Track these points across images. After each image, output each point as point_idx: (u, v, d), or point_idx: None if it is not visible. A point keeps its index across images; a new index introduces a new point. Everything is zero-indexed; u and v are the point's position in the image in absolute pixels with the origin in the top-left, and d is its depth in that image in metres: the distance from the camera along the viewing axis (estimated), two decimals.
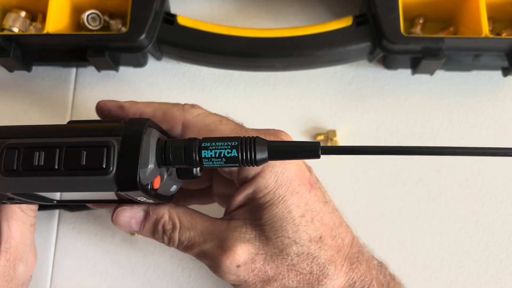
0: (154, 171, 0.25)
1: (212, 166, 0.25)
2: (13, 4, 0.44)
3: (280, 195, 0.29)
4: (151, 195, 0.27)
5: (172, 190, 0.30)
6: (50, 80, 0.46)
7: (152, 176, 0.25)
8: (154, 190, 0.27)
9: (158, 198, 0.28)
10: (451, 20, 0.45)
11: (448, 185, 0.42)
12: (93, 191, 0.25)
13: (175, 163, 0.25)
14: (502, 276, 0.40)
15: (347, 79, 0.46)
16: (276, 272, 0.29)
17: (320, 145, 0.24)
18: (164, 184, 0.28)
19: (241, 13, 0.47)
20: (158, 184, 0.27)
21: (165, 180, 0.27)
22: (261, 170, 0.29)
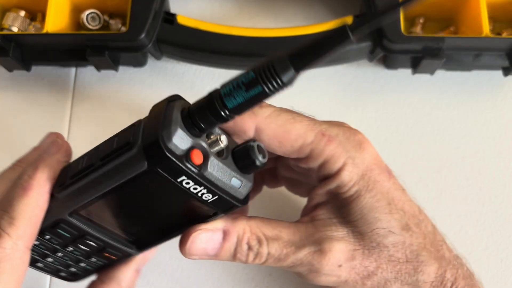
0: (184, 137, 0.22)
1: (239, 107, 0.21)
2: (12, 4, 0.44)
3: (365, 186, 0.27)
4: (200, 176, 0.23)
5: (235, 185, 0.25)
6: (50, 79, 0.46)
7: (182, 143, 0.22)
8: (197, 168, 0.23)
9: (220, 190, 0.24)
10: (451, 20, 0.45)
11: (448, 185, 0.42)
12: (128, 176, 0.23)
13: (202, 120, 0.22)
14: (502, 276, 0.40)
15: (347, 79, 0.45)
16: (376, 266, 0.27)
17: (348, 25, 0.20)
18: (215, 168, 0.24)
19: (241, 13, 0.47)
20: (199, 159, 0.23)
21: (214, 162, 0.24)
22: (343, 164, 0.27)
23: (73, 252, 0.29)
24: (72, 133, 0.44)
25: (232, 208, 0.26)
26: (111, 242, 0.28)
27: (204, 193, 0.24)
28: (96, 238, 0.28)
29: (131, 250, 0.29)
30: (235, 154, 0.25)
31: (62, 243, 0.28)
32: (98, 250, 0.29)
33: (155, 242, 0.29)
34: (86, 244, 0.28)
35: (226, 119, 0.22)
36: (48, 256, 0.30)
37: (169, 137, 0.22)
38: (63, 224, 0.27)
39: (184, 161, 0.22)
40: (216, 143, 0.24)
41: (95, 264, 0.31)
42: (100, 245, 0.28)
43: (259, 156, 0.25)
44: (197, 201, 0.25)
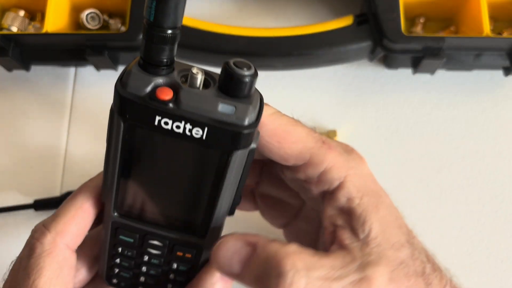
0: (143, 78, 0.21)
1: (160, 14, 0.20)
2: (12, 3, 0.44)
3: (374, 198, 0.26)
4: (174, 110, 0.21)
5: (226, 111, 0.22)
6: (49, 79, 0.46)
7: (142, 85, 0.21)
8: (167, 102, 0.21)
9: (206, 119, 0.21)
10: (452, 20, 0.45)
11: (448, 185, 0.42)
12: (119, 141, 0.23)
13: (146, 51, 0.21)
14: (502, 276, 0.40)
15: (348, 79, 0.45)
16: (408, 284, 0.26)
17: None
18: (191, 98, 0.21)
19: (241, 13, 0.47)
20: (167, 95, 0.21)
21: (189, 92, 0.21)
22: (346, 174, 0.26)
23: (151, 261, 0.28)
24: (72, 133, 0.44)
25: (237, 140, 0.22)
26: (172, 235, 0.27)
27: (191, 129, 0.21)
28: (156, 235, 0.27)
29: (195, 239, 0.27)
30: (218, 81, 0.22)
31: (134, 252, 0.28)
32: (169, 251, 0.28)
33: (208, 221, 0.26)
34: (154, 246, 0.28)
35: (160, 33, 0.20)
36: (139, 275, 0.29)
37: (126, 83, 0.22)
38: (119, 228, 0.27)
39: (148, 99, 0.21)
40: (190, 76, 0.22)
41: (181, 272, 0.29)
42: (165, 242, 0.27)
43: (239, 69, 0.21)
44: (197, 147, 0.22)
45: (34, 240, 0.26)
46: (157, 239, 0.27)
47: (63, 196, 0.41)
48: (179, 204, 0.26)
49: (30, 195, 0.42)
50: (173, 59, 0.22)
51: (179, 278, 0.29)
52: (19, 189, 0.42)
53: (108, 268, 0.29)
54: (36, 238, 0.26)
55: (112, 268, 0.29)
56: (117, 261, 0.29)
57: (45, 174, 0.43)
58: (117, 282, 0.30)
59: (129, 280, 0.30)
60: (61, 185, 0.43)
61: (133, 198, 0.26)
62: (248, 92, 0.22)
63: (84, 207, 0.27)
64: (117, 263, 0.29)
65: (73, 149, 0.44)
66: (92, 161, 0.43)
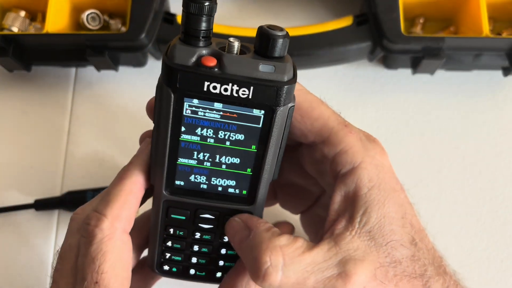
0: (188, 50, 0.23)
1: None
2: (12, 4, 0.44)
3: (384, 192, 0.26)
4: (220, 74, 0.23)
5: (267, 70, 0.23)
6: (50, 80, 0.46)
7: (188, 56, 0.23)
8: (213, 68, 0.23)
9: (251, 79, 0.23)
10: (451, 20, 0.45)
11: (448, 185, 0.42)
12: (170, 113, 0.24)
13: (187, 25, 0.23)
14: (502, 276, 0.40)
15: (347, 79, 0.45)
16: (396, 284, 0.25)
17: None
18: (233, 62, 0.23)
19: (241, 13, 0.47)
20: (212, 62, 0.23)
21: (231, 57, 0.23)
22: (361, 161, 0.26)
23: (203, 237, 0.29)
24: (72, 133, 0.44)
25: (280, 95, 0.24)
26: (222, 205, 0.28)
27: (238, 90, 0.23)
28: (207, 207, 0.28)
29: (245, 207, 0.28)
30: (254, 45, 0.24)
31: (186, 231, 0.29)
32: (220, 223, 0.29)
33: (255, 186, 0.27)
34: (205, 220, 0.29)
35: (199, 4, 0.23)
36: (190, 255, 0.30)
37: (173, 56, 0.23)
38: (170, 207, 0.28)
39: (196, 67, 0.23)
40: (227, 45, 0.24)
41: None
42: (216, 214, 0.28)
43: (273, 31, 0.23)
44: (244, 110, 0.24)
45: (91, 227, 0.26)
46: (208, 212, 0.28)
47: (64, 196, 0.41)
48: (228, 172, 0.27)
49: (31, 195, 0.42)
50: (211, 31, 0.24)
51: (230, 251, 0.30)
52: (20, 189, 0.43)
53: (159, 255, 0.30)
54: (93, 224, 0.26)
55: (164, 253, 0.30)
56: (169, 244, 0.29)
57: (45, 174, 0.43)
58: (168, 269, 0.31)
59: (180, 264, 0.31)
60: (61, 185, 0.43)
61: (183, 173, 0.27)
62: (283, 52, 0.24)
63: (133, 192, 0.27)
64: (168, 247, 0.29)
65: (74, 149, 0.44)
66: (92, 161, 0.43)
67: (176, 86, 0.23)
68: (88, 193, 0.41)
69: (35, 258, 0.41)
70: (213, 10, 0.23)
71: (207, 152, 0.26)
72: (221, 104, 0.24)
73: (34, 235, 0.41)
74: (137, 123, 0.45)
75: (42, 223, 0.42)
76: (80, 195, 0.41)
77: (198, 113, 0.25)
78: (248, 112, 0.25)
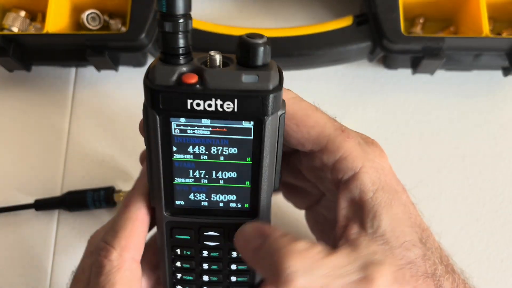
0: (168, 70, 0.23)
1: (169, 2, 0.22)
2: (12, 4, 0.44)
3: (389, 194, 0.26)
4: (202, 90, 0.23)
5: (250, 80, 0.23)
6: (50, 80, 0.46)
7: (169, 75, 0.23)
8: (194, 84, 0.23)
9: (234, 92, 0.23)
10: (451, 20, 0.45)
11: (448, 185, 0.42)
12: (155, 133, 0.24)
13: (164, 43, 0.23)
14: (502, 276, 0.40)
15: (347, 79, 0.45)
16: (413, 286, 0.25)
17: None
18: (215, 76, 0.23)
19: (241, 13, 0.47)
20: (193, 78, 0.23)
21: (212, 72, 0.23)
22: (361, 165, 0.26)
23: (211, 255, 0.29)
24: (72, 133, 0.44)
25: (266, 104, 0.23)
26: (226, 221, 0.28)
27: (222, 104, 0.23)
28: (211, 225, 0.28)
29: (249, 220, 0.28)
30: (236, 56, 0.24)
31: (193, 250, 0.29)
32: (226, 239, 0.28)
33: (256, 199, 0.27)
34: (210, 238, 0.28)
35: (174, 22, 0.22)
36: (201, 274, 0.30)
37: (153, 77, 0.23)
38: (174, 228, 0.28)
39: (177, 86, 0.23)
40: (209, 59, 0.23)
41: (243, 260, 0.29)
42: (220, 231, 0.28)
43: (253, 39, 0.23)
44: (232, 123, 0.24)
45: (101, 258, 0.27)
46: (212, 229, 0.28)
47: (64, 196, 0.41)
48: (227, 187, 0.27)
49: (31, 195, 0.42)
50: (189, 47, 0.23)
51: (241, 267, 0.29)
52: (20, 189, 0.43)
53: (171, 275, 0.30)
54: (103, 255, 0.27)
55: (174, 274, 0.30)
56: (178, 265, 0.29)
57: (45, 174, 0.43)
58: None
59: (193, 283, 0.30)
60: (61, 185, 0.43)
61: (181, 192, 0.27)
62: (265, 60, 0.23)
63: (139, 218, 0.28)
64: (178, 267, 0.29)
65: (74, 149, 0.44)
66: (92, 161, 0.43)
67: (160, 108, 0.23)
68: (88, 193, 0.41)
69: (35, 258, 0.41)
70: (189, 26, 0.23)
71: (202, 169, 0.26)
72: (208, 120, 0.24)
73: (34, 235, 0.41)
74: (137, 123, 0.45)
75: (42, 223, 0.42)
76: (80, 195, 0.41)
77: (187, 131, 0.24)
78: (237, 125, 0.24)
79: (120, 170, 0.43)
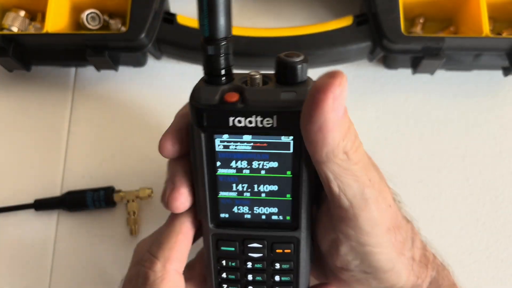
0: (212, 90, 0.24)
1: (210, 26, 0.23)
2: (12, 4, 0.44)
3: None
4: (243, 107, 0.24)
5: (288, 97, 0.24)
6: (50, 79, 0.46)
7: (212, 95, 0.24)
8: (235, 103, 0.24)
9: (273, 108, 0.24)
10: (451, 20, 0.45)
11: (448, 185, 0.42)
12: (202, 150, 0.26)
13: (208, 65, 0.24)
14: (503, 276, 0.40)
15: (348, 79, 0.45)
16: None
17: None
18: (255, 94, 0.24)
19: (241, 13, 0.47)
20: (234, 97, 0.24)
21: (252, 90, 0.24)
22: (365, 204, 0.25)
23: (255, 266, 0.30)
24: (72, 133, 0.44)
25: None
26: (269, 233, 0.29)
27: (262, 120, 0.24)
28: (254, 237, 0.29)
29: (291, 232, 0.29)
30: (275, 74, 0.25)
31: (238, 262, 0.30)
32: (269, 250, 0.29)
33: (297, 210, 0.28)
34: (254, 249, 0.29)
35: (215, 43, 0.24)
36: (246, 285, 0.31)
37: (198, 97, 0.25)
38: (219, 240, 0.29)
39: (220, 104, 0.24)
40: (249, 78, 0.25)
41: (286, 271, 0.30)
42: (263, 243, 0.29)
43: (290, 58, 0.24)
44: (272, 136, 0.25)
45: (146, 269, 0.28)
46: (255, 241, 0.29)
47: (64, 196, 0.41)
48: (269, 200, 0.28)
49: (31, 195, 0.42)
50: (231, 68, 0.25)
51: (284, 278, 0.30)
52: (20, 188, 0.43)
53: (217, 286, 0.31)
54: (147, 267, 0.28)
55: (221, 285, 0.31)
56: (224, 276, 0.30)
57: (45, 174, 0.43)
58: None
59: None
60: (61, 185, 0.43)
61: (226, 205, 0.28)
62: (302, 77, 0.24)
63: (183, 231, 0.29)
64: (224, 278, 0.30)
65: (73, 149, 0.44)
66: (92, 161, 0.43)
67: (204, 125, 0.25)
68: (88, 193, 0.41)
69: (35, 258, 0.41)
70: (230, 48, 0.24)
71: (245, 183, 0.27)
72: (250, 136, 0.25)
73: (33, 235, 0.41)
74: (137, 123, 0.45)
75: (42, 223, 0.42)
76: (80, 195, 0.41)
77: (230, 147, 0.26)
78: (276, 139, 0.25)
79: (120, 170, 0.43)
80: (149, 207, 0.42)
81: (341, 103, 0.22)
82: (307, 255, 0.30)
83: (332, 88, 0.22)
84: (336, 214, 0.26)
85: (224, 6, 0.23)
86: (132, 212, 0.41)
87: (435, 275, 0.30)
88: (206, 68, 0.25)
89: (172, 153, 0.28)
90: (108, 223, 0.42)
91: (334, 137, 0.23)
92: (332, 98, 0.22)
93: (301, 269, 0.30)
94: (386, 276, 0.28)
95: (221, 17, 0.23)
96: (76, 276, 0.40)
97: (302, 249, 0.29)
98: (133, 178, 0.42)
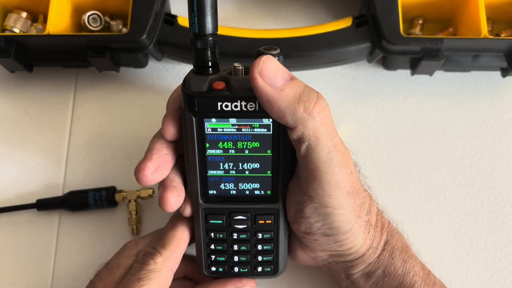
0: (200, 79, 0.28)
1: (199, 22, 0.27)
2: (14, 5, 0.44)
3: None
4: (230, 94, 0.28)
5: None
6: (51, 80, 0.46)
7: (201, 84, 0.28)
8: (222, 90, 0.28)
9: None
10: (450, 21, 0.45)
11: (448, 185, 0.43)
12: (193, 133, 0.30)
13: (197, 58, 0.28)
14: (501, 275, 0.40)
15: (347, 80, 0.46)
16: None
17: None
18: (239, 82, 0.28)
19: (241, 14, 0.48)
20: (221, 85, 0.28)
21: (237, 78, 0.28)
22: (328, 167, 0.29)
23: (240, 237, 0.34)
24: (74, 134, 0.45)
25: None
26: (252, 206, 0.33)
27: (246, 105, 0.28)
28: (239, 210, 0.33)
29: (271, 205, 0.33)
30: None
31: (225, 233, 0.34)
32: (252, 221, 0.33)
33: (276, 185, 0.32)
34: (239, 221, 0.33)
35: (203, 38, 0.27)
36: (232, 255, 0.35)
37: (190, 85, 0.28)
38: (208, 214, 0.33)
39: (209, 91, 0.28)
40: (233, 69, 0.29)
41: (267, 240, 0.34)
42: (247, 215, 0.33)
43: (268, 52, 0.28)
44: (255, 120, 0.29)
45: (148, 258, 0.32)
46: (241, 214, 0.33)
47: (65, 195, 0.41)
48: (252, 177, 0.32)
49: (33, 195, 0.42)
50: (217, 61, 0.29)
51: (266, 247, 0.34)
52: (22, 189, 0.43)
53: (206, 258, 0.35)
54: (150, 257, 0.32)
55: (209, 256, 0.35)
56: (212, 247, 0.34)
57: (47, 174, 0.43)
58: (215, 270, 0.35)
59: (225, 264, 0.35)
60: (63, 185, 0.43)
61: (214, 183, 0.32)
62: None
63: (183, 238, 0.34)
64: (212, 249, 0.34)
65: (75, 149, 0.44)
66: (94, 161, 0.44)
67: (195, 110, 0.29)
68: (89, 193, 0.41)
69: (37, 258, 0.41)
70: (216, 43, 0.28)
71: (230, 162, 0.31)
72: (235, 119, 0.29)
73: (36, 235, 0.42)
74: (138, 124, 0.45)
75: (44, 223, 0.42)
76: (82, 195, 0.41)
77: (218, 129, 0.30)
78: (258, 122, 0.29)
79: (121, 170, 0.43)
80: (150, 207, 0.42)
81: (272, 77, 0.27)
82: (285, 225, 0.34)
83: (254, 69, 0.27)
84: (303, 177, 0.29)
85: (211, 7, 0.26)
86: (134, 212, 0.41)
87: (389, 238, 0.34)
88: (196, 61, 0.28)
89: (174, 135, 0.31)
90: (110, 223, 0.42)
91: (284, 104, 0.27)
92: (259, 75, 0.26)
93: (280, 238, 0.34)
94: (345, 237, 0.31)
95: (208, 16, 0.27)
96: (78, 275, 0.41)
97: (281, 219, 0.33)
98: (134, 178, 0.42)
